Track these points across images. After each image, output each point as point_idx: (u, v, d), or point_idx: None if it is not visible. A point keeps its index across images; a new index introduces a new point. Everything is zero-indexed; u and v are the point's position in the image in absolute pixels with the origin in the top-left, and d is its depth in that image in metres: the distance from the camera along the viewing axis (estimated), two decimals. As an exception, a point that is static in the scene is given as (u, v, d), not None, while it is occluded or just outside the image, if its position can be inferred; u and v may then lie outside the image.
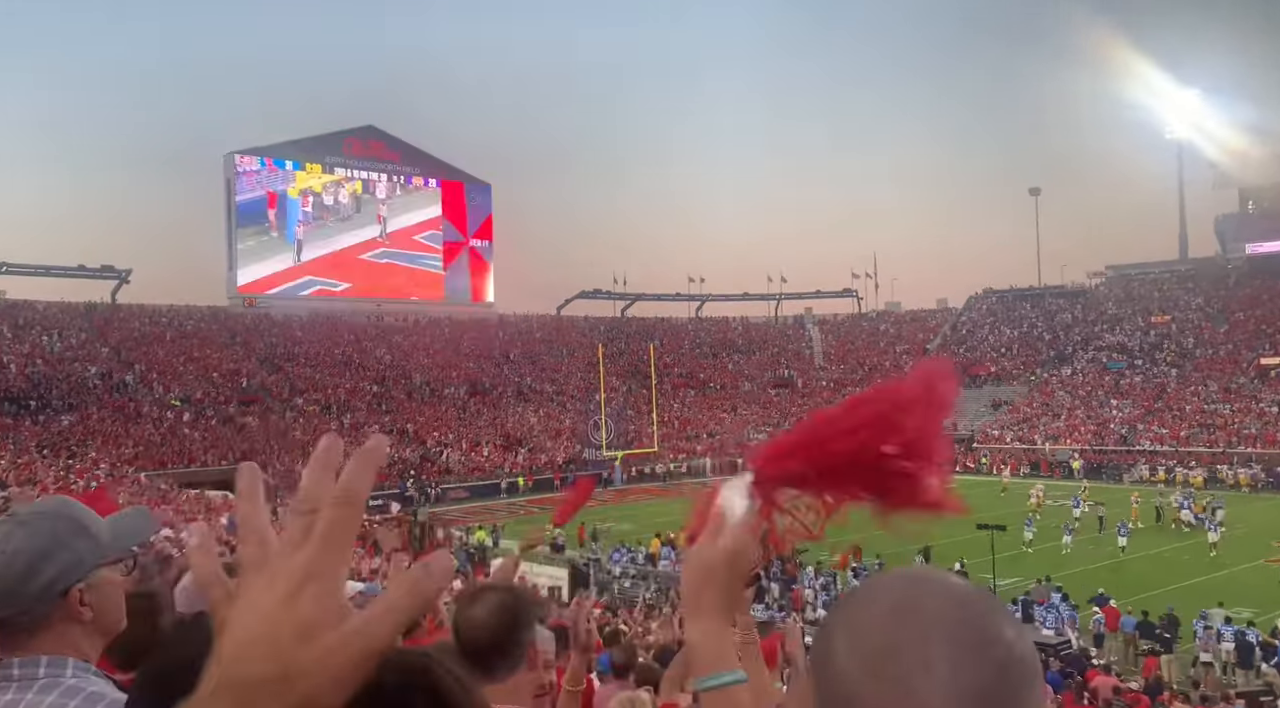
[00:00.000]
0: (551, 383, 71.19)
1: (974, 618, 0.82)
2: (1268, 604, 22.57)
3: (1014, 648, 0.82)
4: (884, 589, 0.87)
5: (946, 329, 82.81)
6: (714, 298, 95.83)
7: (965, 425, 64.40)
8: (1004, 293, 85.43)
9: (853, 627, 0.85)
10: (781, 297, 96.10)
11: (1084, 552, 29.96)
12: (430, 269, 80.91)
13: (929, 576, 0.89)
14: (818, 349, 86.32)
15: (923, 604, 0.83)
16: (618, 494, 50.31)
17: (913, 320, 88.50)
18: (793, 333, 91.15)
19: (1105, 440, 55.78)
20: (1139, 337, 68.98)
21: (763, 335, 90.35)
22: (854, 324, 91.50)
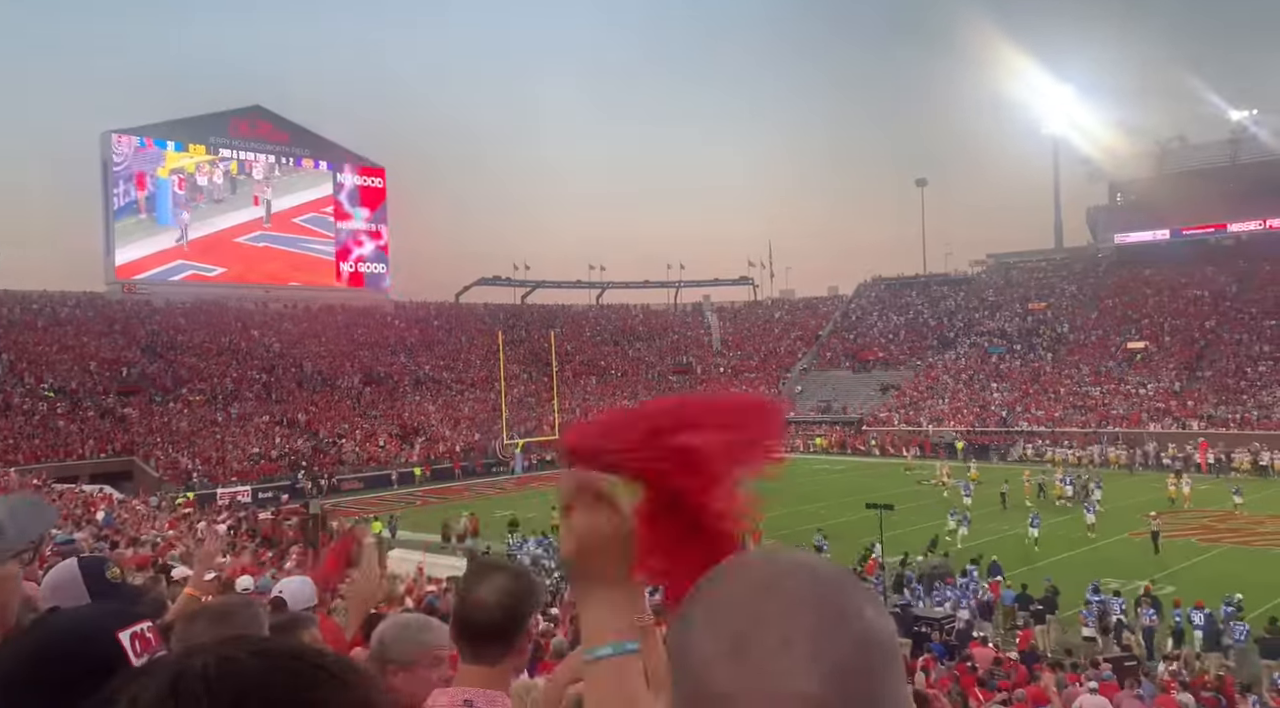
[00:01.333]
0: (450, 371, 70.27)
1: (833, 595, 0.82)
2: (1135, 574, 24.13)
3: (873, 625, 0.82)
4: (742, 570, 0.87)
5: (838, 316, 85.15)
6: (615, 285, 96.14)
7: (855, 409, 66.49)
8: (892, 281, 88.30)
9: (711, 609, 0.83)
10: (681, 284, 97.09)
11: (984, 530, 31.21)
12: (320, 255, 78.61)
13: (787, 555, 0.87)
14: (715, 336, 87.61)
15: (781, 583, 0.82)
16: (518, 482, 50.17)
17: (806, 308, 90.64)
18: (691, 320, 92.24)
19: (987, 422, 58.41)
20: (1017, 322, 72.34)
21: (663, 323, 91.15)
22: (750, 311, 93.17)
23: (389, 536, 31.77)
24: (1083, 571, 23.85)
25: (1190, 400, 53.81)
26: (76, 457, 45.05)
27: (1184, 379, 56.54)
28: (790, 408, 69.60)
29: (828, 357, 77.93)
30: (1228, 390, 53.57)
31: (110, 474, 42.82)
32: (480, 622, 1.87)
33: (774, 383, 75.23)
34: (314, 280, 77.62)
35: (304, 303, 74.82)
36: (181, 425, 51.11)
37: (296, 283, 76.33)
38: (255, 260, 74.61)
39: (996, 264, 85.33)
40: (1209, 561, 26.55)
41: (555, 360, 64.28)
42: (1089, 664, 15.82)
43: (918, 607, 20.84)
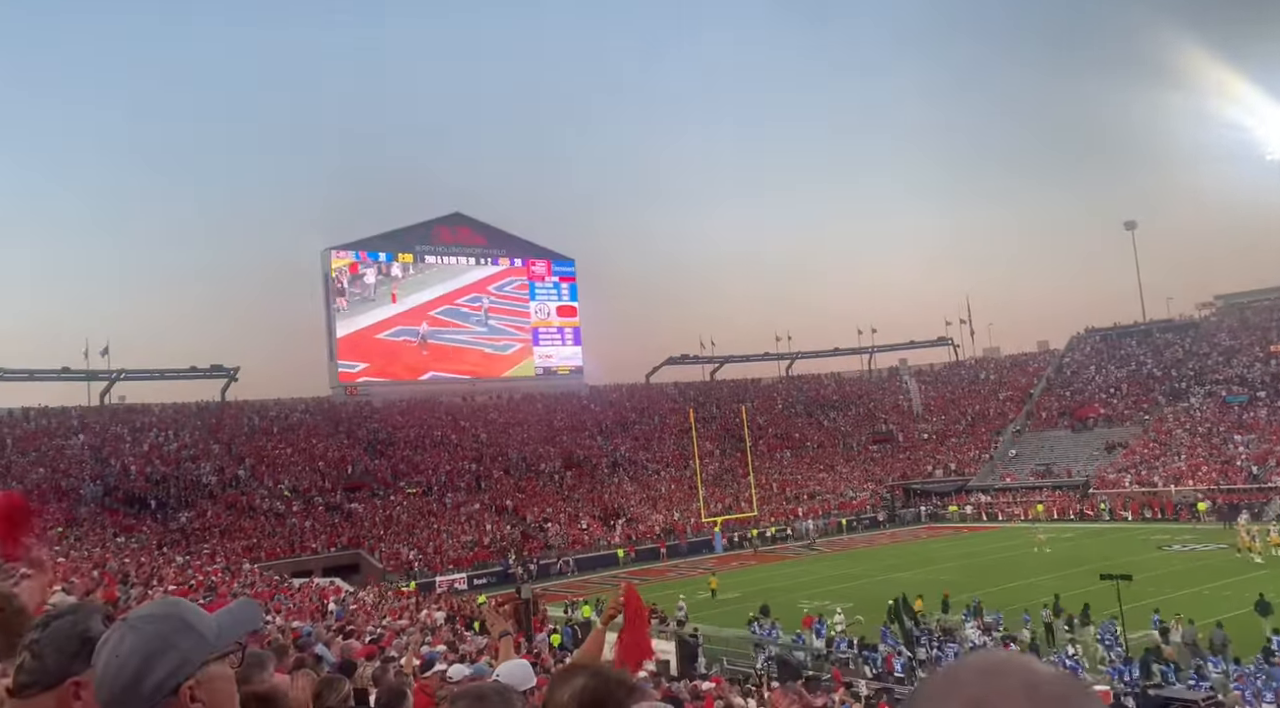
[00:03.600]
0: (645, 451, 71.15)
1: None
2: None
3: None
4: (956, 685, 0.81)
5: (1050, 372, 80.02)
6: (804, 355, 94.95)
7: (1079, 471, 61.67)
8: (1108, 331, 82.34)
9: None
10: (874, 349, 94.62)
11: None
12: (520, 346, 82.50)
13: (1005, 667, 0.81)
14: (916, 401, 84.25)
15: (997, 701, 0.77)
16: (719, 561, 49.58)
17: (1013, 365, 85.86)
18: (888, 385, 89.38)
19: (1232, 479, 52.61)
20: (1259, 368, 65.35)
21: (857, 390, 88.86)
22: (952, 372, 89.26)
23: (596, 618, 31.93)
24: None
25: None
26: (310, 552, 48.50)
27: None
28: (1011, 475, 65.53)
29: (1042, 416, 73.08)
30: None
31: (340, 567, 45.80)
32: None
33: (985, 447, 71.20)
34: (518, 371, 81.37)
35: (506, 393, 78.39)
36: (401, 517, 54.16)
37: (506, 375, 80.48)
38: (470, 357, 79.36)
39: (1227, 305, 77.92)
40: None
41: (748, 435, 63.74)
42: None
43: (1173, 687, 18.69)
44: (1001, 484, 64.22)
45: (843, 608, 27.71)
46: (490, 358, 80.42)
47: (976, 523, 58.95)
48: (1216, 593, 27.70)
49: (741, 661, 25.13)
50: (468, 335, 79.98)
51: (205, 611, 1.80)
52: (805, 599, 32.75)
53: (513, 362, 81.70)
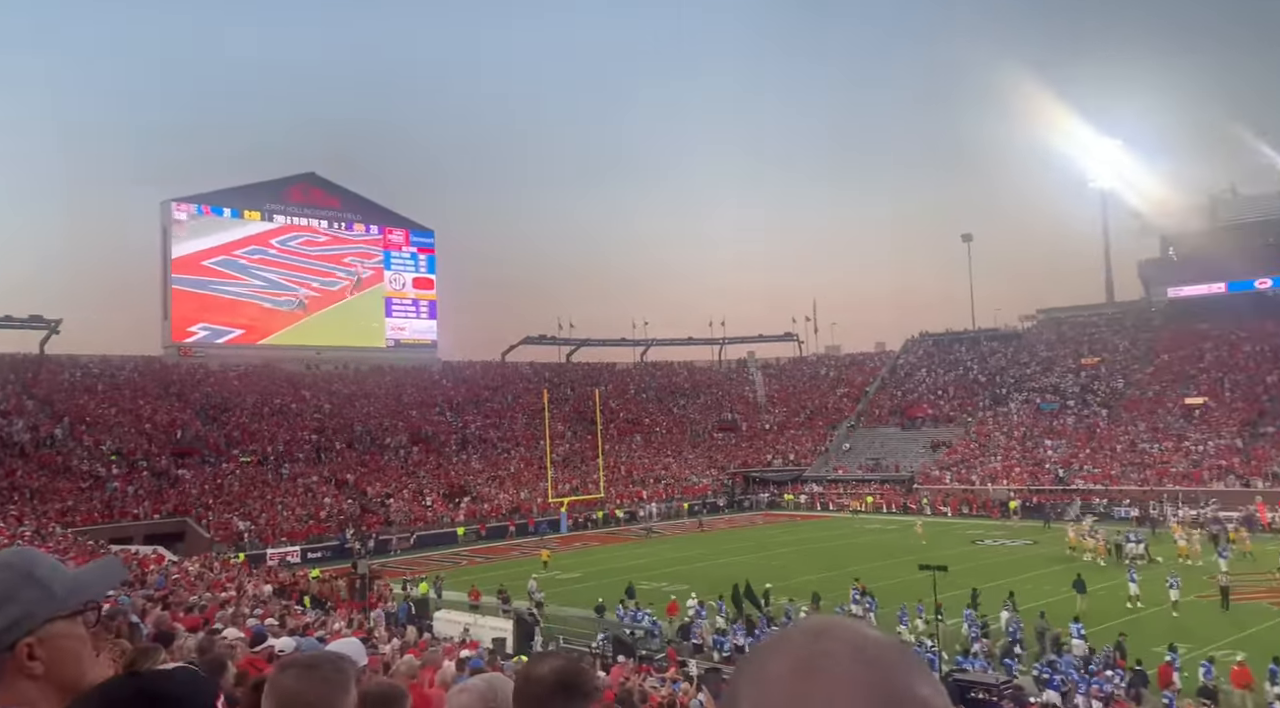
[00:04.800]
0: (496, 430, 70.67)
1: (882, 675, 0.79)
2: (1211, 638, 23.16)
3: (926, 704, 0.79)
4: (786, 646, 0.83)
5: (885, 372, 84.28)
6: (659, 342, 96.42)
7: (906, 466, 65.39)
8: (940, 336, 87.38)
9: (755, 685, 0.81)
10: (725, 341, 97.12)
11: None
12: (370, 316, 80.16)
13: (834, 629, 0.84)
14: (760, 392, 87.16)
15: (824, 662, 0.79)
16: (564, 541, 49.94)
17: (852, 364, 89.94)
18: (736, 377, 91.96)
19: (1041, 480, 57.05)
20: (1071, 378, 70.95)
21: (707, 379, 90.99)
22: (796, 367, 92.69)
23: (435, 596, 31.69)
24: (1153, 634, 22.98)
25: (1254, 458, 52.12)
26: (131, 518, 45.83)
27: (1246, 436, 54.83)
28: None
29: (875, 413, 76.98)
30: (1294, 446, 51.79)
31: (164, 535, 43.46)
32: (537, 694, 2.02)
33: (821, 439, 74.41)
34: (367, 342, 78.98)
35: (354, 364, 76.09)
36: (233, 486, 51.87)
37: (355, 344, 77.81)
38: (315, 323, 76.20)
39: (1047, 319, 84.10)
40: None
41: (600, 418, 64.33)
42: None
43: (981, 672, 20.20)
44: (834, 476, 67.36)
45: (696, 595, 28.43)
46: (340, 328, 77.79)
47: (809, 511, 61.65)
48: (1020, 585, 30.06)
49: (579, 639, 25.50)
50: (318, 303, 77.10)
51: (64, 566, 1.69)
52: (645, 580, 33.47)
53: (363, 333, 79.20)
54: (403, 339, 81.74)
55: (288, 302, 75.47)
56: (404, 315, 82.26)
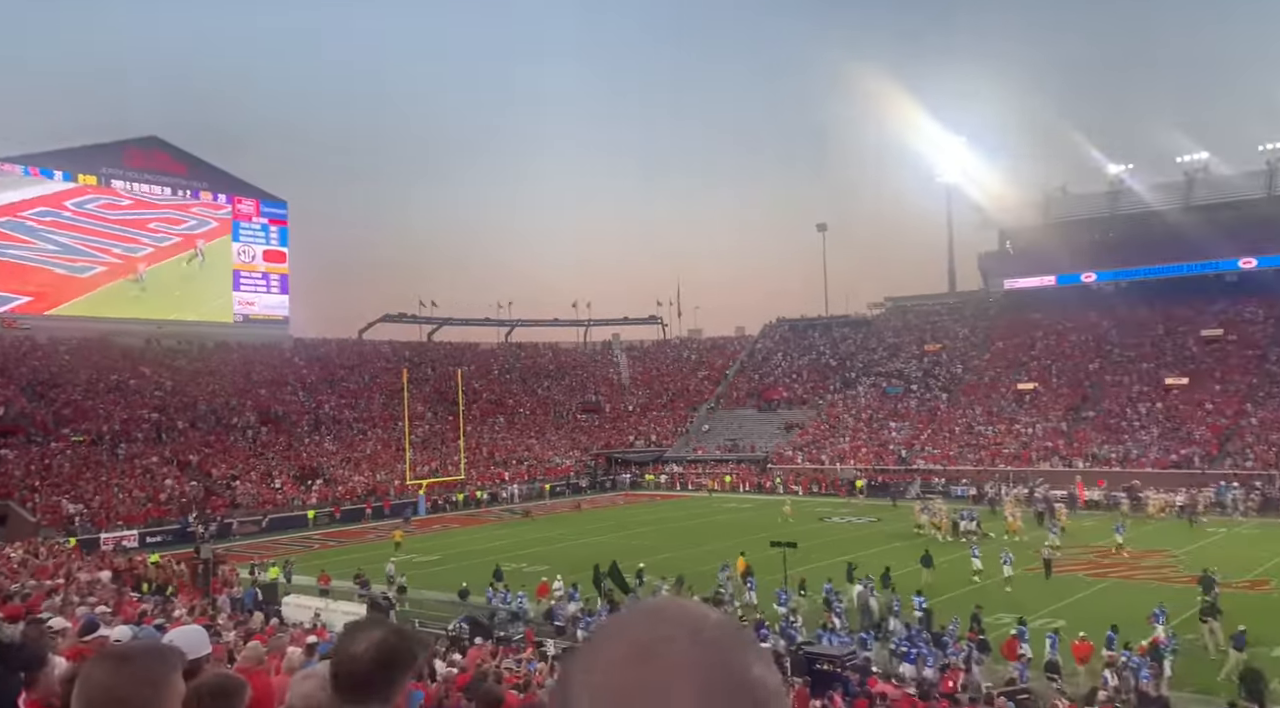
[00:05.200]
0: (352, 411, 68.64)
1: (718, 657, 0.79)
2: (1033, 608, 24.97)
3: (761, 685, 0.80)
4: (622, 629, 0.83)
5: (744, 356, 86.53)
6: (523, 323, 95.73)
7: (761, 447, 67.46)
8: (795, 322, 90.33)
9: (589, 671, 0.81)
10: (590, 323, 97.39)
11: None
12: (217, 289, 76.22)
13: (672, 612, 0.84)
14: (625, 374, 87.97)
15: (660, 647, 0.79)
16: (422, 524, 49.13)
17: (713, 347, 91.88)
18: (601, 358, 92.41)
19: (885, 460, 59.97)
20: (915, 363, 74.73)
21: (571, 360, 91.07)
22: (659, 350, 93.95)
23: (284, 581, 30.67)
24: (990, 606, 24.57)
25: (1076, 440, 56.32)
26: (-56, 501, 42.28)
27: (1070, 419, 59.16)
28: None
29: (734, 396, 78.98)
30: (1110, 430, 56.26)
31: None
32: (352, 672, 1.90)
33: (682, 421, 75.79)
34: (213, 316, 75.02)
35: (197, 339, 72.25)
36: (64, 467, 48.53)
37: (200, 318, 73.65)
38: (156, 295, 71.68)
39: (894, 307, 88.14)
40: (1097, 594, 27.66)
41: (462, 399, 63.48)
42: (985, 702, 16.29)
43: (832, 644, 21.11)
44: (694, 456, 68.85)
45: (562, 577, 28.45)
46: (184, 300, 73.60)
47: (670, 491, 62.81)
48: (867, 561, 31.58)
49: (435, 623, 25.23)
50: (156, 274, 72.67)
51: None
52: (506, 562, 33.36)
53: (209, 306, 75.23)
54: (252, 314, 78.15)
55: (84, 268, 69.36)
56: (253, 289, 78.59)
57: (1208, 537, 37.01)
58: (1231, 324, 63.71)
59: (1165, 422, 55.15)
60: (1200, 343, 62.89)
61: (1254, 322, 63.36)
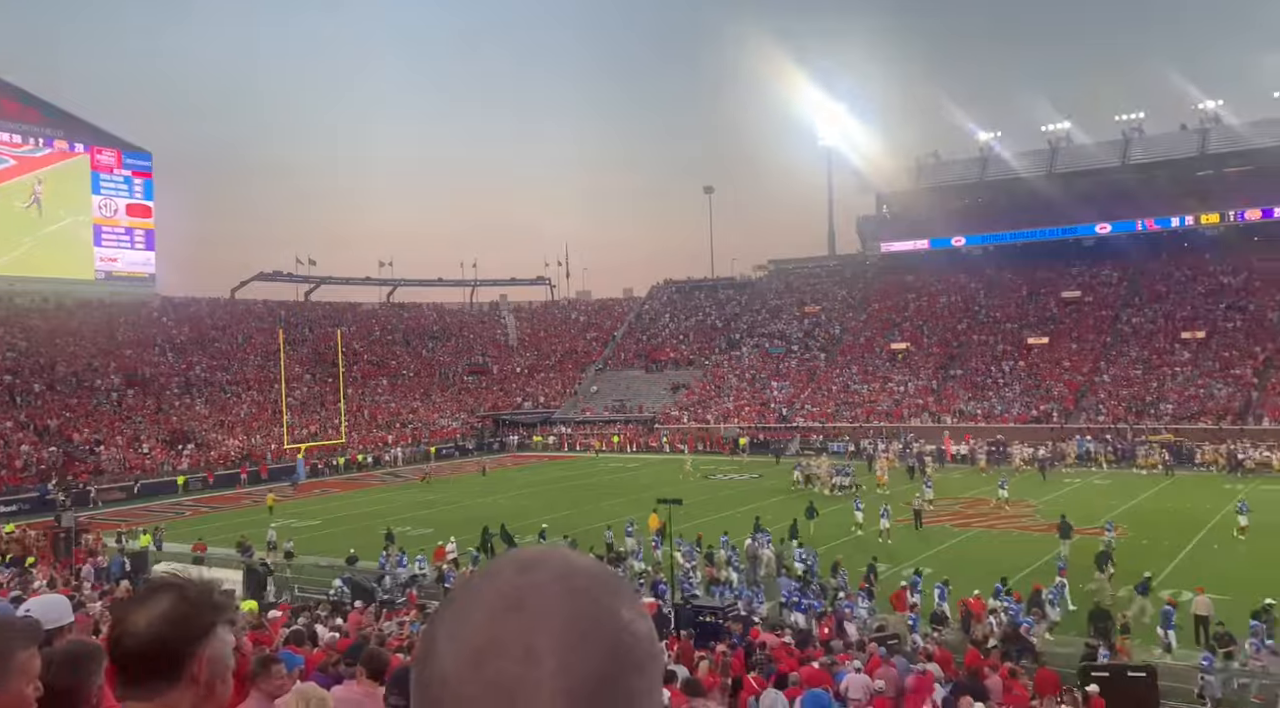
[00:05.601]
0: (225, 372, 66.00)
1: (587, 604, 0.79)
2: (905, 557, 26.23)
3: (630, 629, 0.80)
4: (490, 579, 0.82)
5: (632, 317, 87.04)
6: (407, 283, 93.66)
7: (649, 408, 68.26)
8: (682, 284, 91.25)
9: (455, 622, 0.79)
10: (477, 283, 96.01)
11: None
12: (74, 245, 71.66)
13: (541, 560, 0.83)
14: (512, 335, 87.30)
15: (529, 595, 0.78)
16: (301, 489, 47.88)
17: (601, 309, 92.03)
18: (488, 319, 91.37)
19: (767, 419, 61.61)
20: (795, 325, 76.71)
21: (457, 321, 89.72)
22: (547, 311, 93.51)
23: (155, 549, 29.51)
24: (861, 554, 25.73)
25: (945, 397, 59.06)
26: None
27: (940, 378, 61.94)
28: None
29: (622, 357, 79.49)
30: (976, 387, 59.20)
31: None
32: (130, 650, 1.65)
33: (570, 382, 75.88)
34: (73, 273, 70.53)
35: (55, 297, 67.95)
36: (-99, 435, 45.19)
37: (59, 275, 69.09)
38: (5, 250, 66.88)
39: (777, 270, 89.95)
40: (963, 543, 29.28)
41: (342, 360, 61.83)
42: (858, 646, 17.09)
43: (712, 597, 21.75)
44: (582, 417, 69.14)
45: (455, 539, 28.18)
46: (39, 255, 68.93)
47: (558, 452, 62.98)
48: (747, 515, 32.53)
49: (313, 587, 24.80)
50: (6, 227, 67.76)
51: None
52: (391, 526, 32.89)
53: (69, 262, 70.68)
54: (115, 271, 73.90)
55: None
56: (116, 245, 74.25)
57: (1064, 487, 39.53)
58: (1088, 286, 67.65)
59: (1027, 379, 58.36)
60: (1060, 304, 66.61)
61: (1108, 284, 67.43)
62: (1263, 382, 50.88)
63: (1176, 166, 69.85)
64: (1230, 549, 26.95)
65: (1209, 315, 59.06)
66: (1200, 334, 56.82)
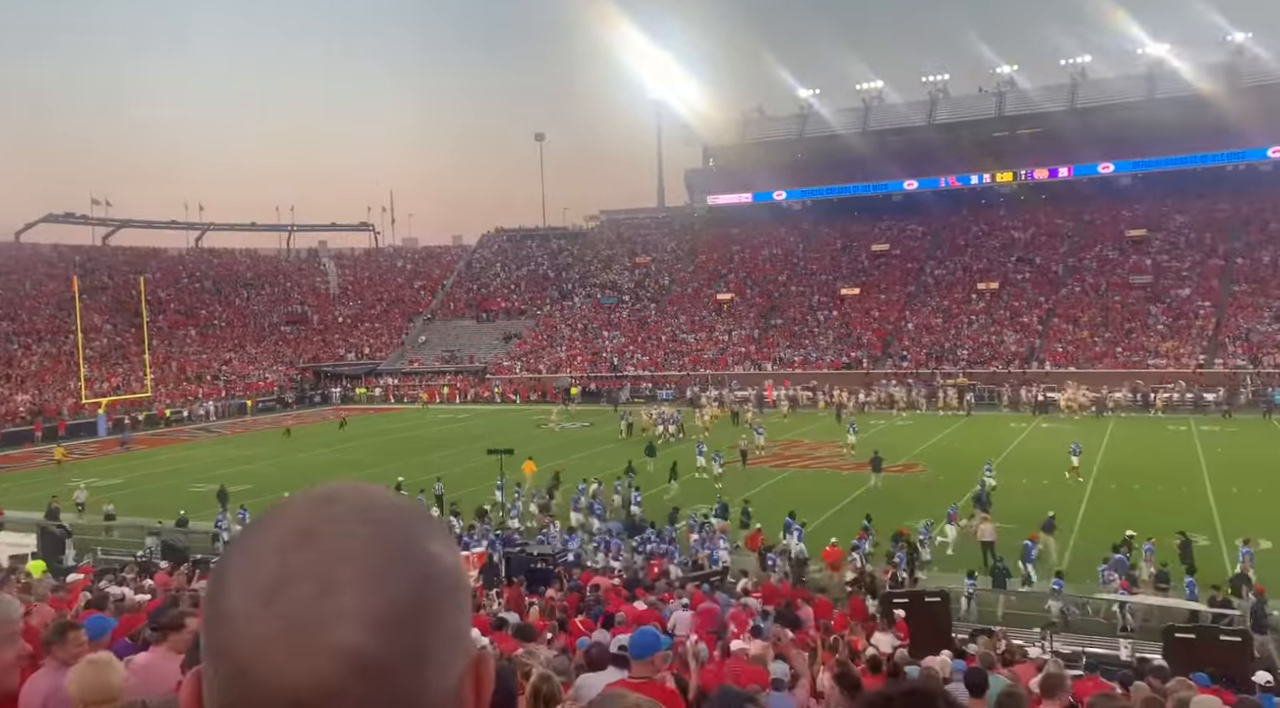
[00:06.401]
0: (11, 322, 60.31)
1: (388, 536, 0.76)
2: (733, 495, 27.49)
3: (436, 562, 0.78)
4: (281, 515, 0.78)
5: (462, 266, 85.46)
6: (217, 227, 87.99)
7: (480, 358, 67.65)
8: (513, 232, 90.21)
9: (244, 558, 0.75)
10: (294, 228, 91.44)
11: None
12: None
13: (336, 494, 0.80)
14: (334, 283, 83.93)
15: (325, 528, 0.76)
16: (101, 446, 44.76)
17: (429, 257, 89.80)
18: (307, 266, 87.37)
19: (599, 368, 62.42)
20: (627, 275, 77.64)
21: (273, 269, 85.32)
22: (371, 259, 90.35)
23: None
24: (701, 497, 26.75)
25: (766, 345, 61.62)
26: None
27: (761, 327, 64.47)
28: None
29: (452, 306, 78.13)
30: (794, 336, 62.05)
31: None
32: None
33: (397, 333, 74.00)
34: None
35: None
36: None
37: None
38: None
39: (608, 220, 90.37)
40: (782, 482, 30.95)
41: (146, 310, 57.74)
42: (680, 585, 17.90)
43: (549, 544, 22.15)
44: (410, 369, 67.75)
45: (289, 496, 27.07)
46: None
47: (384, 405, 61.53)
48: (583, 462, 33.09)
49: (119, 549, 23.52)
50: None
51: None
52: (200, 483, 31.39)
53: None
54: None
55: None
56: None
57: (871, 428, 42.24)
58: (896, 240, 71.82)
59: (840, 328, 61.66)
60: (870, 257, 70.43)
61: (914, 237, 71.81)
62: (1046, 329, 55.89)
63: (976, 127, 74.62)
64: (1062, 486, 29.20)
65: (1001, 268, 64.06)
66: (994, 285, 61.59)
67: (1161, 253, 60.34)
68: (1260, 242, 58.39)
